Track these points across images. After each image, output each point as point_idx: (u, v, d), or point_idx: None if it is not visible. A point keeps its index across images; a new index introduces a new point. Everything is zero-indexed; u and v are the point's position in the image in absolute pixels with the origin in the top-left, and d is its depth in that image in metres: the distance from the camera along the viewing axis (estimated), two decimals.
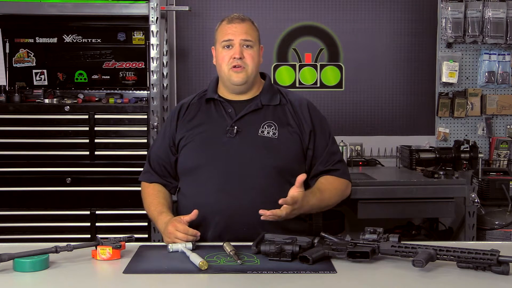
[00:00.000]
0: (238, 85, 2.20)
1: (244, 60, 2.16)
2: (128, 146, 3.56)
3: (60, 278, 1.65)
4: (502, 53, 4.07)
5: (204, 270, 1.68)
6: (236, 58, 2.15)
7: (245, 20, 2.20)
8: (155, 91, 3.54)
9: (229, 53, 2.17)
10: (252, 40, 2.18)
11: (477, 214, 3.41)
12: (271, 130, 2.19)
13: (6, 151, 3.53)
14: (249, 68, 2.18)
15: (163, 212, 2.14)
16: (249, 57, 2.17)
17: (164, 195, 2.25)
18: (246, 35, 2.17)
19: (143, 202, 2.28)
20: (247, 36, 2.17)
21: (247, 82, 2.20)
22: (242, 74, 2.17)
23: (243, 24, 2.18)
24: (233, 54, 2.16)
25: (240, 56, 2.16)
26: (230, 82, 2.20)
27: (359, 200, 3.30)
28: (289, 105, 2.25)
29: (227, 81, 2.21)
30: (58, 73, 3.85)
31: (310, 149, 2.22)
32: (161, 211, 2.15)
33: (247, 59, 2.17)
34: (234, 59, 2.15)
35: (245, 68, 2.17)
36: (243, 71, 2.17)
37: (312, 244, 1.80)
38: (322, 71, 4.10)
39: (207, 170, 2.14)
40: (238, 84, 2.19)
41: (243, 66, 2.16)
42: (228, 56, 2.17)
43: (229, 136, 2.16)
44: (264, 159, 2.14)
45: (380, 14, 4.09)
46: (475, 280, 1.60)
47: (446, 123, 4.13)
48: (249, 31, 2.18)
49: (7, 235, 3.48)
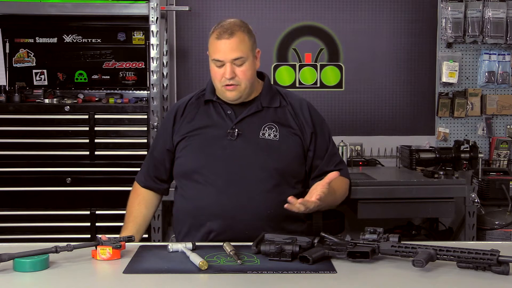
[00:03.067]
0: (232, 101, 2.18)
1: (236, 78, 2.10)
2: (128, 146, 3.56)
3: (60, 278, 1.65)
4: (502, 53, 4.07)
5: (204, 270, 1.67)
6: (227, 78, 2.10)
7: (234, 34, 2.08)
8: (155, 91, 3.54)
9: (220, 71, 2.11)
10: (242, 56, 2.08)
11: (477, 214, 3.42)
12: (272, 132, 2.18)
13: (6, 151, 3.53)
14: (242, 84, 2.12)
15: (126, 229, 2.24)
16: (242, 74, 2.10)
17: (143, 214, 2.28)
18: (235, 52, 2.07)
19: (128, 199, 2.32)
20: (237, 54, 2.07)
21: (241, 97, 2.16)
22: (235, 92, 2.13)
23: (232, 39, 2.08)
24: (224, 74, 2.10)
25: (231, 76, 2.09)
26: (225, 98, 2.18)
27: (359, 200, 3.30)
28: (289, 107, 2.24)
29: (222, 96, 2.18)
30: (58, 73, 3.86)
31: (311, 150, 2.22)
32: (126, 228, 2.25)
33: (239, 76, 2.10)
34: (226, 78, 2.10)
35: (238, 86, 2.12)
36: (236, 89, 2.12)
37: (312, 244, 1.79)
38: (322, 71, 4.10)
39: (208, 172, 2.13)
40: (232, 101, 2.17)
41: (235, 84, 2.11)
42: (220, 74, 2.11)
43: (230, 138, 2.15)
44: (265, 162, 2.13)
45: (380, 14, 4.09)
46: (475, 280, 1.60)
47: (446, 123, 4.13)
48: (239, 46, 2.08)
49: (7, 235, 3.48)
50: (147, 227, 2.34)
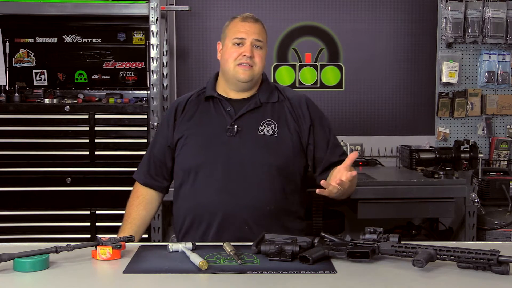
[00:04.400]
0: (243, 82, 2.20)
1: (253, 59, 2.18)
2: (128, 146, 3.56)
3: (60, 278, 1.65)
4: (502, 53, 4.07)
5: (204, 270, 1.67)
6: (246, 56, 2.16)
7: (258, 22, 2.23)
8: (155, 91, 3.54)
9: (238, 50, 2.18)
10: (263, 41, 2.21)
11: (477, 214, 3.42)
12: (271, 128, 2.19)
13: (6, 151, 3.53)
14: (257, 67, 2.19)
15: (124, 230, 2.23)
16: (258, 57, 2.19)
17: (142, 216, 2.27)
18: (258, 35, 2.19)
19: (128, 199, 2.31)
20: (259, 37, 2.20)
21: (252, 80, 2.20)
22: (249, 72, 2.18)
23: (256, 24, 2.21)
24: (244, 52, 2.17)
25: (251, 55, 2.17)
26: (236, 79, 2.20)
27: (359, 200, 3.30)
28: (287, 102, 2.26)
29: (232, 78, 2.20)
30: (58, 73, 3.86)
31: (311, 144, 2.23)
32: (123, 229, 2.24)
33: (256, 58, 2.18)
34: (244, 56, 2.16)
35: (252, 67, 2.18)
36: (250, 70, 2.18)
37: (312, 244, 1.79)
38: (322, 71, 4.10)
39: (208, 169, 2.15)
40: (243, 81, 2.19)
41: (251, 65, 2.17)
42: (237, 53, 2.17)
43: (229, 135, 2.17)
44: (264, 158, 2.15)
45: (380, 14, 4.09)
46: (475, 280, 1.60)
47: (446, 123, 4.13)
48: (261, 32, 2.22)
49: (7, 235, 3.48)
50: (146, 229, 2.34)
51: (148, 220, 2.30)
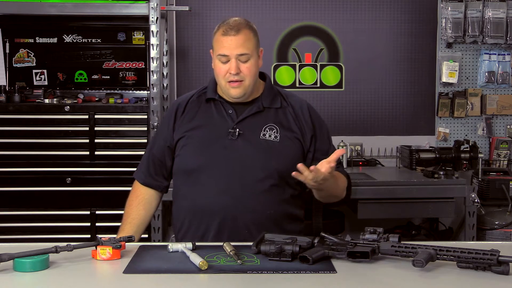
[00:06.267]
0: (236, 98, 2.17)
1: (241, 74, 2.11)
2: (128, 146, 3.56)
3: (60, 278, 1.65)
4: (502, 53, 4.07)
5: (204, 270, 1.67)
6: (232, 74, 2.10)
7: (240, 31, 2.10)
8: (155, 91, 3.54)
9: (225, 67, 2.11)
10: (248, 53, 2.10)
11: (477, 214, 3.42)
12: (273, 133, 2.18)
13: (6, 151, 3.53)
14: (247, 80, 2.13)
15: (123, 230, 2.21)
16: (246, 70, 2.12)
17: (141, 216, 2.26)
18: (241, 48, 2.09)
19: (127, 199, 2.30)
20: (242, 50, 2.09)
21: (245, 94, 2.16)
22: (239, 88, 2.13)
23: (238, 36, 2.09)
24: (229, 70, 2.10)
25: (236, 71, 2.10)
26: (228, 95, 2.17)
27: (359, 200, 3.30)
28: (290, 108, 2.24)
29: (226, 93, 2.18)
30: (58, 73, 3.86)
31: (311, 152, 2.22)
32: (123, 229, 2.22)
33: (243, 72, 2.11)
34: (231, 74, 2.11)
35: (242, 82, 2.13)
36: (241, 85, 2.13)
37: (312, 244, 1.79)
38: (322, 71, 4.10)
39: (208, 171, 2.14)
40: (236, 98, 2.17)
41: (240, 80, 2.12)
42: (224, 71, 2.12)
43: (231, 138, 2.15)
44: (265, 162, 2.14)
45: (380, 14, 4.09)
46: (475, 280, 1.60)
47: (446, 123, 4.13)
48: (245, 43, 2.10)
49: (7, 235, 3.48)
50: (146, 228, 2.33)
51: (147, 219, 2.30)
